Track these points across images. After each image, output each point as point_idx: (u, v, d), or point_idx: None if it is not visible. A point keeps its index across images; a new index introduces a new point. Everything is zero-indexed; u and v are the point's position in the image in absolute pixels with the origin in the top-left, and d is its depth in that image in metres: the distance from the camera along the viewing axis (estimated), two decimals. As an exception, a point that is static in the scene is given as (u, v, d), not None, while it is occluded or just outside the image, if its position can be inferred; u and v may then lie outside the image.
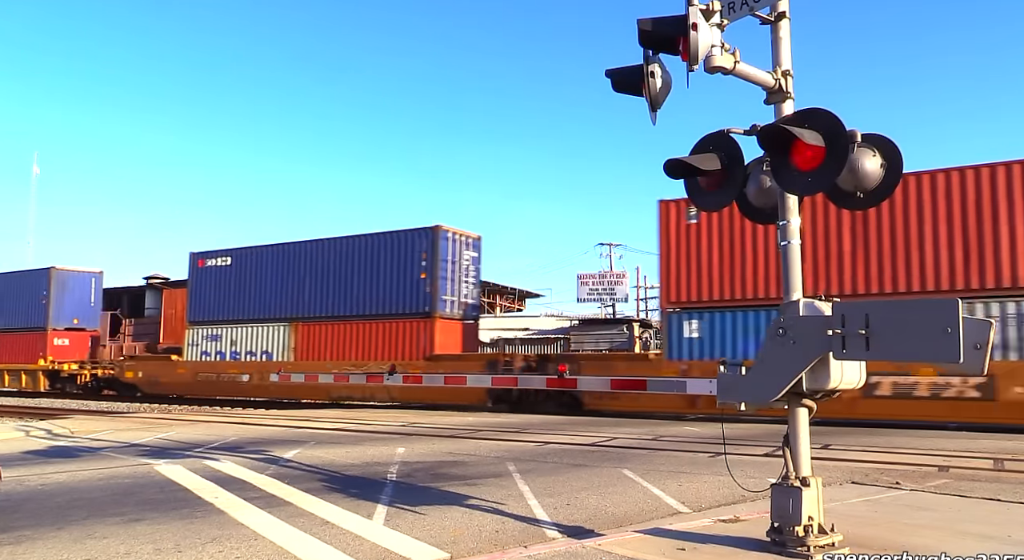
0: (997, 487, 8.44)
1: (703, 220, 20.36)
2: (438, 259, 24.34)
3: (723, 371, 5.52)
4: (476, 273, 26.24)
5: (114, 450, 11.94)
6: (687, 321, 20.45)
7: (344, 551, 5.55)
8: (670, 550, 5.34)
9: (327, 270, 26.70)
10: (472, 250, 26.01)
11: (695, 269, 20.53)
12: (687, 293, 20.61)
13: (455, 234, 25.28)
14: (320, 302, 26.65)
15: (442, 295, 24.50)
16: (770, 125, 5.31)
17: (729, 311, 19.84)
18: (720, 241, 20.18)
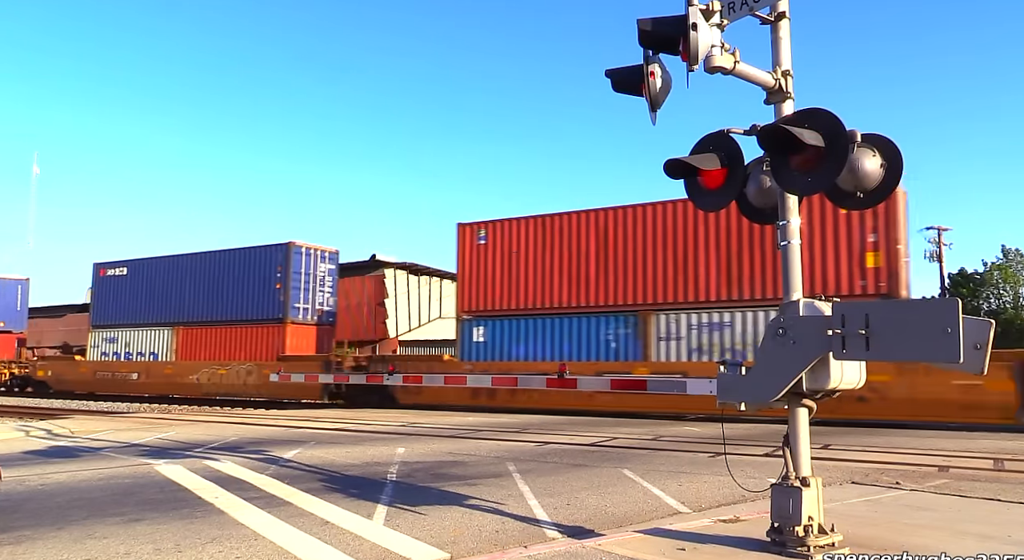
0: (997, 487, 8.44)
1: (489, 240, 24.52)
2: (291, 271, 28.54)
3: (723, 371, 5.52)
4: (333, 283, 30.42)
5: (114, 450, 11.94)
6: (475, 327, 24.49)
7: (344, 551, 5.55)
8: (670, 550, 5.34)
9: (203, 280, 30.84)
10: (328, 263, 30.16)
11: (482, 282, 24.48)
12: (476, 303, 24.64)
13: (310, 249, 29.50)
14: (197, 308, 30.86)
15: (294, 303, 28.62)
16: (770, 125, 5.31)
17: (509, 319, 23.82)
18: (503, 258, 24.21)
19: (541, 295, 23.20)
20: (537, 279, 23.32)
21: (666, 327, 21.02)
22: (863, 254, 18.69)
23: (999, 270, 55.60)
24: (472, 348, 24.10)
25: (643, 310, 21.38)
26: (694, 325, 20.61)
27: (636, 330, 21.42)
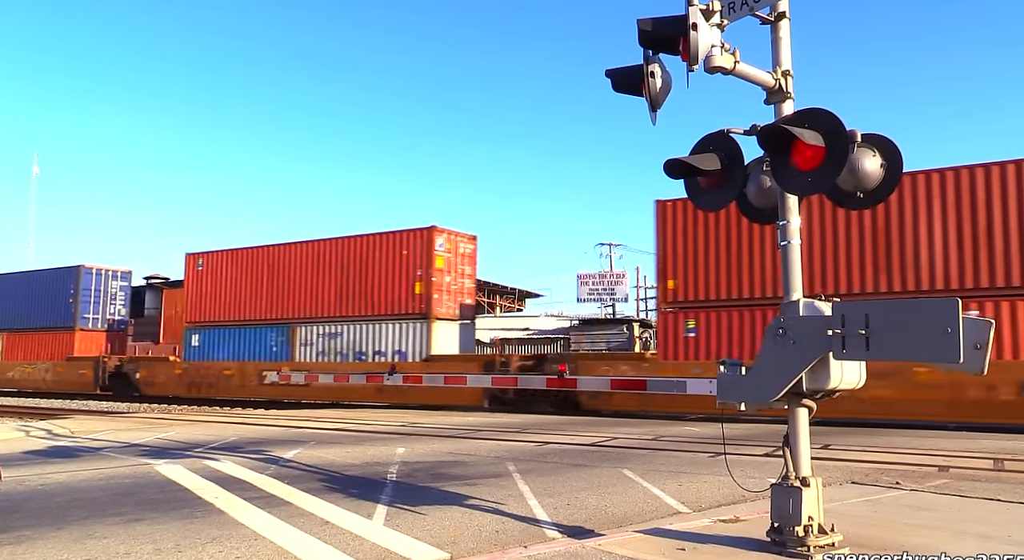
0: (997, 487, 8.44)
1: (205, 267, 30.35)
2: (80, 289, 34.89)
3: (723, 371, 5.52)
4: (125, 298, 37.03)
5: (114, 450, 11.95)
6: (192, 334, 30.21)
7: (344, 551, 5.55)
8: (670, 550, 5.34)
9: (19, 295, 37.12)
10: (121, 280, 36.82)
11: (199, 300, 30.40)
12: (195, 315, 30.05)
13: (102, 271, 35.95)
14: (16, 318, 36.96)
15: (83, 314, 35.07)
16: (770, 125, 5.31)
17: (216, 328, 29.68)
18: (214, 282, 29.94)
19: (235, 310, 29.25)
20: (232, 298, 29.46)
21: (305, 336, 27.41)
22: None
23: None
24: (190, 351, 30.26)
25: (292, 323, 27.68)
26: (321, 334, 26.95)
27: (287, 338, 27.77)
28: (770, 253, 19.26)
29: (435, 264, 25.13)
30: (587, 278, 46.56)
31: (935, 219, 17.57)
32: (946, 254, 17.41)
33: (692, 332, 20.40)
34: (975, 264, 17.14)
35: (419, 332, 25.01)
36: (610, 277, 46.30)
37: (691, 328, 20.45)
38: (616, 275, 47.61)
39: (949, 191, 17.56)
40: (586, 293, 44.67)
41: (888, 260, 18.04)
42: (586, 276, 47.00)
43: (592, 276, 46.95)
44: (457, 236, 26.32)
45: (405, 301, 25.36)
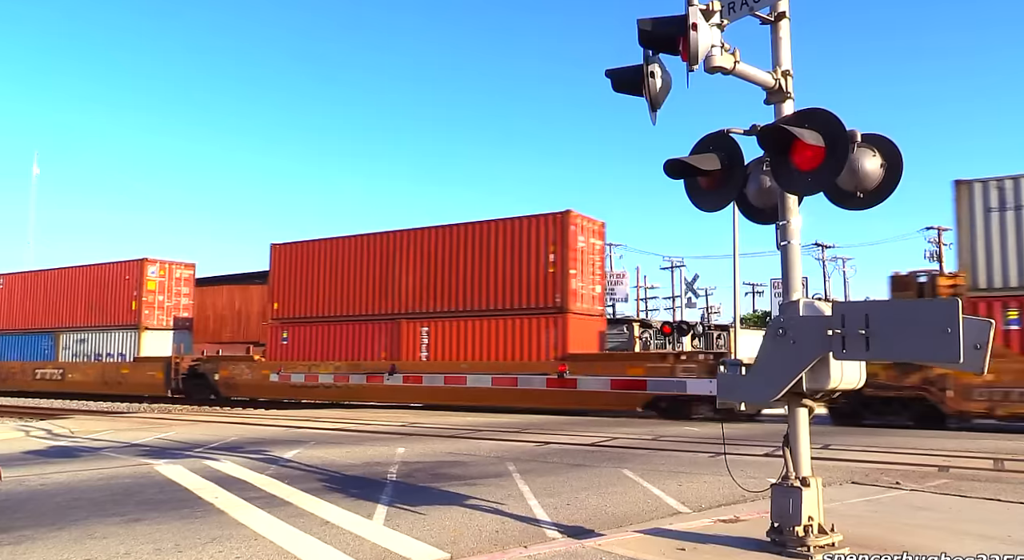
0: (997, 487, 8.44)
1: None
2: None
3: (723, 371, 5.52)
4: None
5: (114, 450, 11.95)
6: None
7: (344, 551, 5.55)
8: (670, 550, 5.34)
9: None
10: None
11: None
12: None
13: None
14: None
15: None
16: (770, 125, 5.31)
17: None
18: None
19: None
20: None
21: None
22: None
23: (999, 270, 55.51)
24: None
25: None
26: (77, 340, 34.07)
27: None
28: (346, 281, 26.08)
29: (146, 286, 32.46)
30: (588, 278, 46.36)
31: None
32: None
33: (285, 341, 27.61)
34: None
35: (131, 338, 32.22)
36: (610, 277, 46.31)
37: (284, 337, 27.65)
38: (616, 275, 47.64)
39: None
40: (587, 293, 44.51)
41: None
42: (586, 276, 46.79)
43: (593, 276, 46.74)
44: (174, 264, 33.72)
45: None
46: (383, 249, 25.50)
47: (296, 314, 27.22)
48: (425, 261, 24.42)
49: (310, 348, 26.61)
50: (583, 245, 22.69)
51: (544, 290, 22.12)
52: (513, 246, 22.82)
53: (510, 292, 22.73)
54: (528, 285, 22.41)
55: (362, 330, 25.47)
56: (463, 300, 23.59)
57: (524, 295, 22.47)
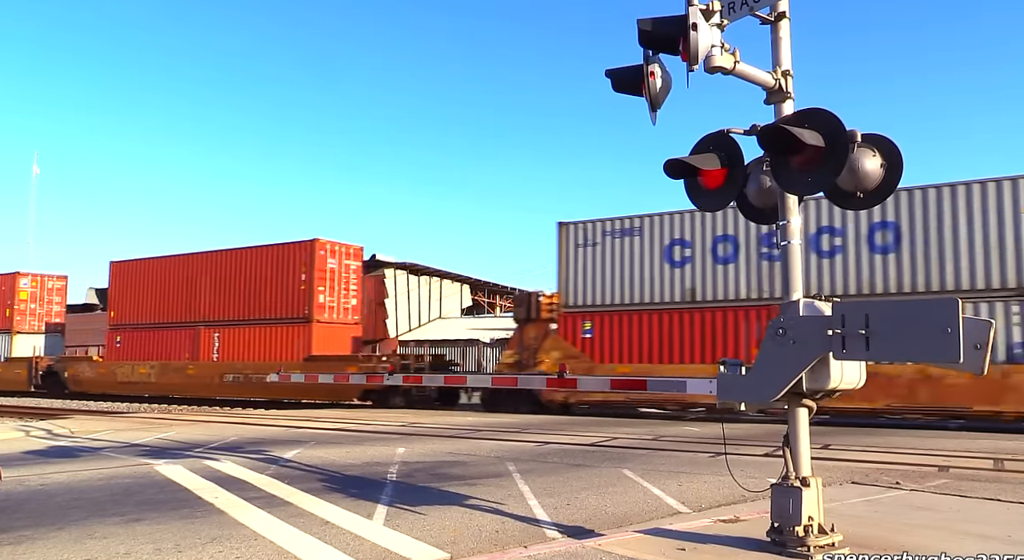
0: (997, 487, 8.44)
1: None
2: None
3: (723, 371, 5.52)
4: None
5: (114, 450, 11.95)
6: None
7: (344, 551, 5.56)
8: (670, 550, 5.34)
9: None
10: None
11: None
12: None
13: None
14: None
15: None
16: (770, 125, 5.31)
17: None
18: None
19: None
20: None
21: None
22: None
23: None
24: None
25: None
26: None
27: None
28: (162, 294, 31.02)
29: (18, 296, 37.38)
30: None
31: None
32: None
33: (119, 343, 32.34)
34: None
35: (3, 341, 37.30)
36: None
37: (118, 341, 32.45)
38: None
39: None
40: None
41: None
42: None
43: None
44: (46, 276, 38.50)
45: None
46: (188, 268, 30.99)
47: (127, 321, 32.63)
48: (217, 279, 29.90)
49: (137, 350, 32.03)
50: (334, 266, 28.13)
51: (297, 304, 27.58)
52: (277, 267, 28.36)
53: (275, 305, 28.16)
54: (287, 299, 27.83)
55: (173, 335, 30.99)
56: (243, 311, 28.95)
57: (284, 307, 27.90)
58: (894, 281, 18.19)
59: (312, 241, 27.50)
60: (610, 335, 21.30)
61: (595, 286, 21.84)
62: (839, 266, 18.86)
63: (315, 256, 27.33)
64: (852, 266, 18.72)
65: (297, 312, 27.40)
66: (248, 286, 28.82)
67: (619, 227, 21.73)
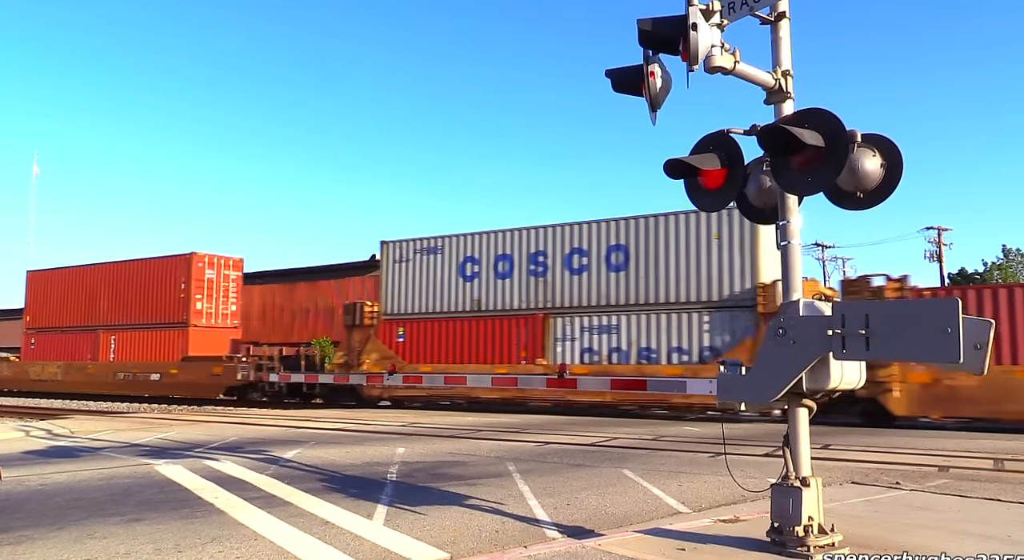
0: (997, 487, 8.44)
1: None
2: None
3: (723, 371, 5.52)
4: None
5: (114, 450, 11.95)
6: None
7: (344, 551, 5.56)
8: (670, 550, 5.34)
9: None
10: None
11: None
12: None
13: None
14: None
15: None
16: (770, 125, 5.31)
17: None
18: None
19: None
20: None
21: None
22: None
23: (999, 270, 55.62)
24: None
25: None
26: None
27: None
28: (71, 301, 34.52)
29: None
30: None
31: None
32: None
33: (33, 345, 35.98)
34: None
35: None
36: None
37: (32, 343, 36.12)
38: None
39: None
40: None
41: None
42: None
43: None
44: None
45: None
46: (91, 278, 34.32)
47: (41, 325, 35.99)
48: (114, 288, 33.38)
49: (49, 351, 35.16)
50: (212, 277, 31.71)
51: (177, 310, 31.22)
52: (162, 278, 31.89)
53: (160, 311, 31.80)
54: (169, 306, 31.47)
55: (79, 338, 34.18)
56: (135, 316, 32.48)
57: (167, 313, 31.51)
58: (623, 295, 21.19)
59: (190, 254, 31.29)
60: (418, 339, 24.57)
61: (407, 297, 25.34)
62: (586, 281, 21.85)
63: (192, 268, 31.06)
64: (595, 282, 21.74)
65: (177, 318, 31.14)
66: (138, 294, 32.63)
67: (425, 246, 25.03)
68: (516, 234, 23.36)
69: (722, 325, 19.64)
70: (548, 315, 22.23)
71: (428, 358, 24.04)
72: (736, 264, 19.63)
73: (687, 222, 20.32)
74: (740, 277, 19.55)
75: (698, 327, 20.00)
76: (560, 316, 22.06)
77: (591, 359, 21.39)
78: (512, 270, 23.20)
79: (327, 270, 39.96)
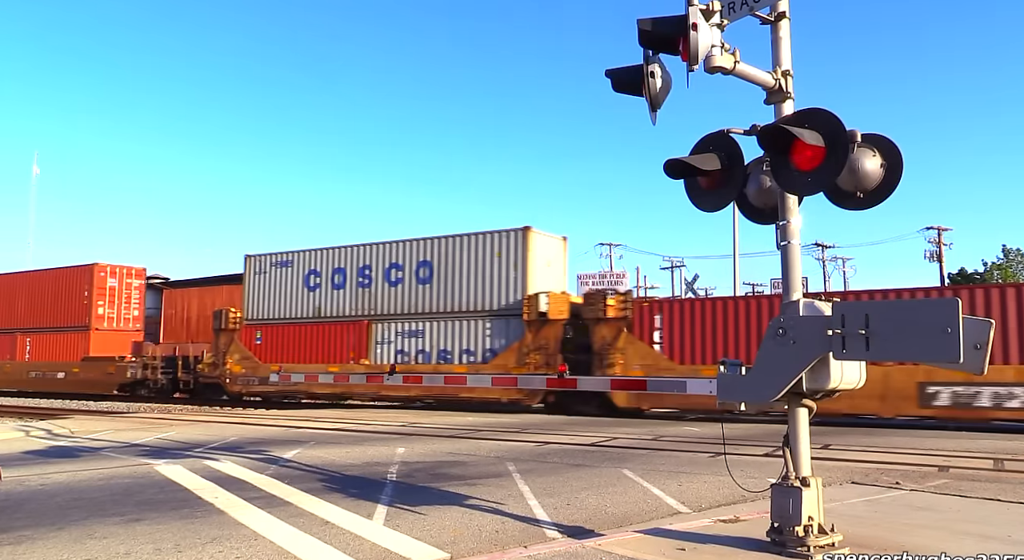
0: (997, 487, 8.44)
1: None
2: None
3: (723, 371, 5.52)
4: None
5: (114, 450, 11.94)
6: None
7: (344, 551, 5.55)
8: (670, 550, 5.34)
9: None
10: None
11: None
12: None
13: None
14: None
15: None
16: (770, 125, 5.31)
17: None
18: None
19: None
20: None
21: None
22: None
23: (999, 270, 55.62)
24: None
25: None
26: None
27: None
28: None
29: None
30: (587, 278, 46.58)
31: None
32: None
33: None
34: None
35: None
36: (610, 277, 46.33)
37: None
38: (616, 275, 47.65)
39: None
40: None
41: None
42: (586, 276, 47.01)
43: (592, 276, 46.98)
44: None
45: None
46: (10, 285, 37.90)
47: None
48: (30, 294, 36.93)
49: None
50: (114, 285, 35.26)
51: (80, 315, 34.70)
52: (68, 286, 35.42)
53: (66, 316, 35.21)
54: (74, 311, 34.97)
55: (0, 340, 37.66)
56: (46, 320, 35.97)
57: (72, 318, 35.01)
58: (428, 304, 24.67)
59: (92, 265, 34.80)
60: (273, 342, 28.03)
61: (264, 304, 28.89)
62: (400, 292, 25.28)
63: (95, 277, 34.43)
64: (407, 293, 25.10)
65: (81, 321, 34.66)
66: (50, 301, 36.03)
67: (280, 260, 28.70)
68: (348, 250, 26.89)
69: (499, 330, 23.17)
70: (371, 321, 25.81)
71: (279, 358, 27.11)
72: (511, 278, 23.15)
73: (477, 242, 23.87)
74: (514, 289, 23.04)
75: (482, 332, 23.59)
76: (380, 322, 25.66)
77: (403, 359, 24.89)
78: (345, 282, 26.86)
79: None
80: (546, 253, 24.01)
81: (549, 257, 24.16)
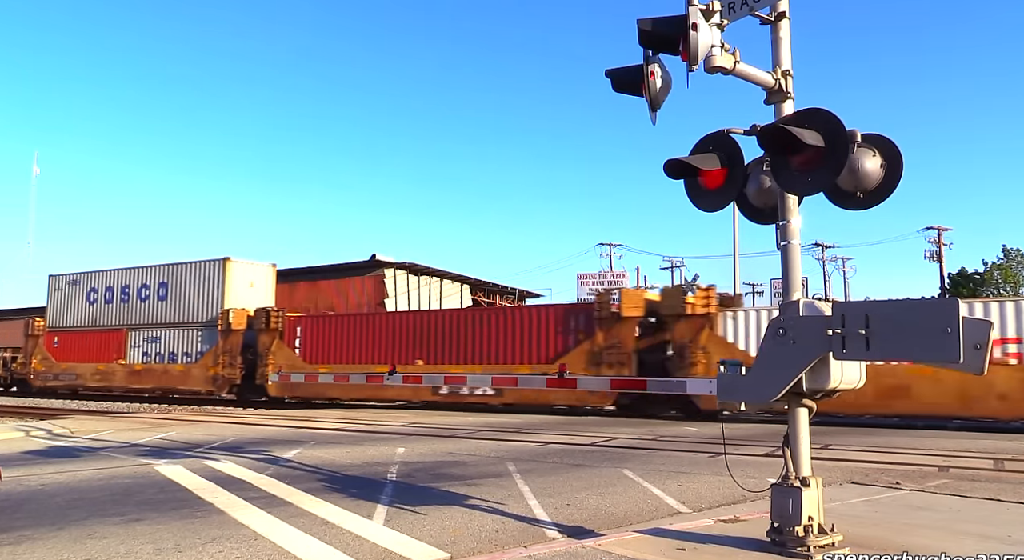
0: (997, 487, 8.44)
1: None
2: None
3: (723, 371, 5.52)
4: None
5: (114, 450, 11.95)
6: None
7: (344, 551, 5.56)
8: (670, 550, 5.34)
9: None
10: None
11: None
12: None
13: None
14: None
15: None
16: (770, 125, 5.31)
17: None
18: None
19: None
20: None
21: None
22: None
23: (999, 270, 55.59)
24: None
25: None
26: None
27: None
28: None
29: None
30: (587, 278, 46.61)
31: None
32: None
33: None
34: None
35: None
36: (610, 277, 46.33)
37: None
38: (616, 275, 47.65)
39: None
40: (586, 293, 44.72)
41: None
42: (586, 276, 47.06)
43: (592, 276, 47.00)
44: None
45: None
46: None
47: None
48: None
49: None
50: None
51: None
52: None
53: None
54: None
55: None
56: None
57: None
58: (165, 316, 31.66)
59: None
60: (67, 345, 34.69)
61: (61, 314, 35.92)
62: (147, 306, 32.34)
63: None
64: (152, 307, 32.32)
65: None
66: None
67: (70, 279, 35.96)
68: (116, 272, 34.14)
69: (206, 337, 30.04)
70: (128, 330, 32.99)
71: (70, 358, 34.29)
72: (215, 296, 30.19)
73: (200, 268, 30.93)
74: (216, 305, 29.90)
75: (196, 338, 30.44)
76: (134, 330, 32.86)
77: (145, 360, 32.03)
78: (113, 298, 34.11)
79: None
80: (249, 277, 31.10)
81: (253, 279, 31.32)
